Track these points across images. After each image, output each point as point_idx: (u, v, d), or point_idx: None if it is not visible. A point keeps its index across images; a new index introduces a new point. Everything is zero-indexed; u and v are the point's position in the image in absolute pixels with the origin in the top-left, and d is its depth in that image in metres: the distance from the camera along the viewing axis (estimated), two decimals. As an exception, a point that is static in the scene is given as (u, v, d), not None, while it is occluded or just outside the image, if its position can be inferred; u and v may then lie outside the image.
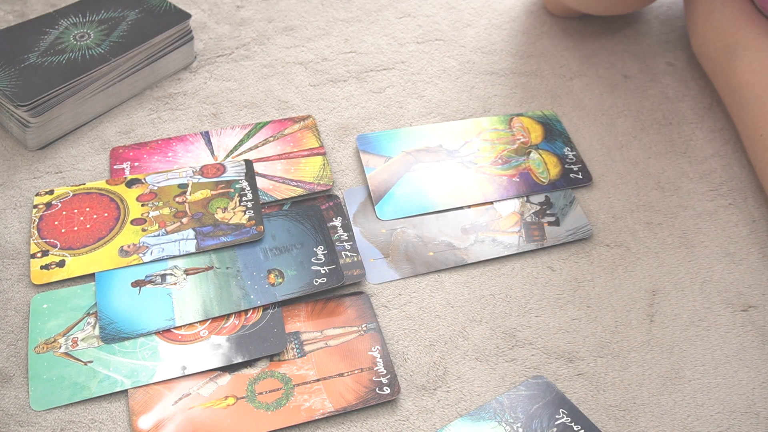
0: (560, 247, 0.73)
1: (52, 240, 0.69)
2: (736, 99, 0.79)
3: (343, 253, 0.70)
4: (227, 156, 0.77)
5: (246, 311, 0.65)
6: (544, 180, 0.77)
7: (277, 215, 0.72)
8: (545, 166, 0.79)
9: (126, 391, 0.60)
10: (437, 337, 0.66)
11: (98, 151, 0.77)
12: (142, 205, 0.72)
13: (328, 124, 0.82)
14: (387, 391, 0.61)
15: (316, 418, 0.59)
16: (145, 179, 0.74)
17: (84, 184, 0.74)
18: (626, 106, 0.86)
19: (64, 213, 0.71)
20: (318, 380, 0.62)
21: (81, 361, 0.61)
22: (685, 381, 0.64)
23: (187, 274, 0.67)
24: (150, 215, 0.71)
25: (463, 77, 0.88)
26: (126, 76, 0.80)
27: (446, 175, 0.77)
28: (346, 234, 0.71)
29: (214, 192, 0.73)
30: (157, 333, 0.63)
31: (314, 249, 0.69)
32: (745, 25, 0.80)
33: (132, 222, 0.70)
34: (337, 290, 0.68)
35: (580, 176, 0.78)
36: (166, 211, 0.71)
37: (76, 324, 0.64)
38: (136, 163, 0.76)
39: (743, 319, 0.68)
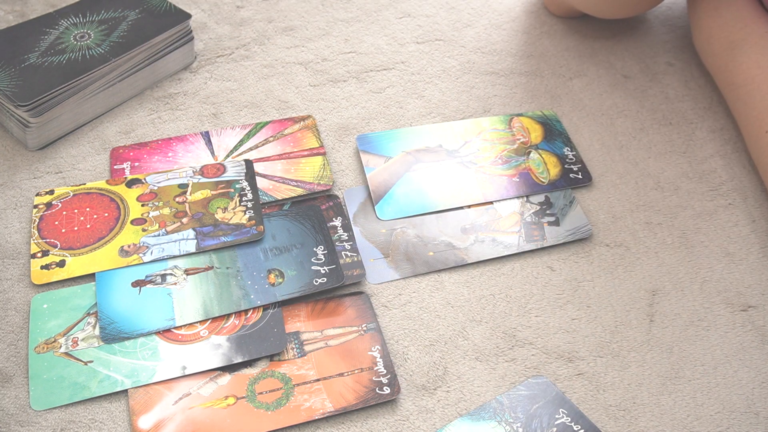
0: (560, 247, 0.73)
1: (52, 240, 0.69)
2: (740, 96, 0.79)
3: (343, 253, 0.70)
4: (227, 156, 0.77)
5: (246, 311, 0.65)
6: (544, 180, 0.77)
7: (277, 215, 0.72)
8: (545, 166, 0.79)
9: (126, 391, 0.60)
10: (437, 337, 0.66)
11: (98, 151, 0.77)
12: (143, 205, 0.72)
13: (328, 124, 0.82)
14: (387, 391, 0.61)
15: (316, 418, 0.59)
16: (145, 179, 0.74)
17: (84, 184, 0.74)
18: (626, 106, 0.86)
19: (64, 213, 0.71)
20: (318, 380, 0.62)
21: (81, 361, 0.62)
22: (685, 381, 0.64)
23: (187, 274, 0.67)
24: (150, 215, 0.71)
25: (463, 77, 0.88)
26: (126, 76, 0.80)
27: (446, 175, 0.77)
28: (346, 234, 0.71)
29: (214, 192, 0.73)
30: (158, 333, 0.63)
31: (314, 249, 0.69)
32: (751, 22, 0.80)
33: (132, 222, 0.70)
34: (337, 290, 0.68)
35: (580, 176, 0.78)
36: (166, 211, 0.71)
37: (77, 324, 0.64)
38: (136, 163, 0.76)
39: (743, 319, 0.68)
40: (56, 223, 0.70)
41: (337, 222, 0.72)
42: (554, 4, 0.94)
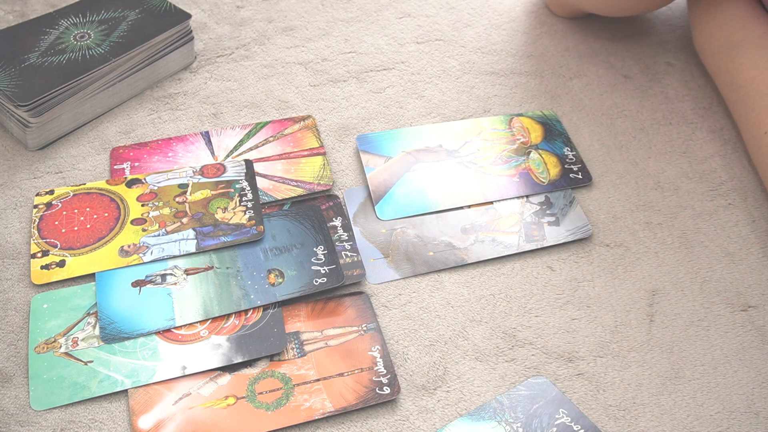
0: (560, 247, 0.73)
1: (52, 240, 0.69)
2: (739, 96, 0.79)
3: (343, 253, 0.70)
4: (227, 156, 0.77)
5: (246, 311, 0.65)
6: (543, 180, 0.77)
7: (277, 215, 0.72)
8: (545, 166, 0.79)
9: (126, 391, 0.60)
10: (437, 337, 0.66)
11: (98, 151, 0.77)
12: (143, 205, 0.72)
13: (328, 124, 0.82)
14: (387, 391, 0.61)
15: (316, 418, 0.60)
16: (145, 179, 0.74)
17: (84, 184, 0.74)
18: (626, 106, 0.86)
19: (64, 213, 0.71)
20: (318, 380, 0.62)
21: (81, 361, 0.62)
22: (685, 381, 0.64)
23: (187, 274, 0.67)
24: (150, 215, 0.71)
25: (463, 77, 0.88)
26: (126, 76, 0.80)
27: (446, 175, 0.77)
28: (346, 234, 0.71)
29: (214, 192, 0.73)
30: (158, 333, 0.63)
31: (314, 249, 0.69)
32: (750, 23, 0.80)
33: (132, 222, 0.70)
34: (337, 290, 0.68)
35: (580, 176, 0.78)
36: (166, 211, 0.71)
37: (77, 324, 0.64)
38: (136, 163, 0.76)
39: (743, 319, 0.68)
40: (56, 223, 0.70)
41: (337, 222, 0.72)
42: (557, 5, 0.94)
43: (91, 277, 0.67)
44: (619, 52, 0.92)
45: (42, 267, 0.67)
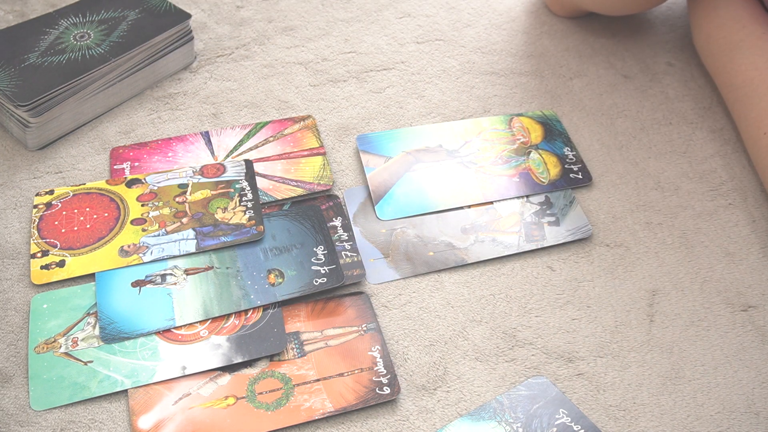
0: (560, 247, 0.73)
1: (52, 240, 0.69)
2: (738, 97, 0.79)
3: (343, 253, 0.70)
4: (227, 156, 0.77)
5: (246, 311, 0.65)
6: (544, 180, 0.77)
7: (277, 215, 0.72)
8: (545, 166, 0.79)
9: (126, 391, 0.60)
10: (437, 337, 0.66)
11: (98, 151, 0.77)
12: (142, 205, 0.72)
13: (328, 124, 0.82)
14: (387, 391, 0.61)
15: (316, 418, 0.60)
16: (145, 179, 0.74)
17: (84, 184, 0.74)
18: (626, 106, 0.86)
19: (64, 213, 0.71)
20: (318, 380, 0.62)
21: (81, 361, 0.61)
22: (685, 381, 0.64)
23: (187, 274, 0.67)
24: (150, 215, 0.71)
25: (463, 77, 0.88)
26: (126, 76, 0.80)
27: (446, 175, 0.77)
28: (346, 234, 0.71)
29: (214, 192, 0.73)
30: (157, 333, 0.63)
31: (314, 249, 0.69)
32: (749, 23, 0.80)
33: (132, 222, 0.70)
34: (337, 290, 0.68)
35: (580, 176, 0.78)
36: (166, 211, 0.71)
37: (76, 324, 0.64)
38: (136, 163, 0.76)
39: (743, 319, 0.68)
40: (56, 223, 0.70)
41: (337, 222, 0.72)
42: (557, 4, 0.94)
43: (91, 277, 0.67)
44: (619, 52, 0.92)
45: (42, 267, 0.67)
